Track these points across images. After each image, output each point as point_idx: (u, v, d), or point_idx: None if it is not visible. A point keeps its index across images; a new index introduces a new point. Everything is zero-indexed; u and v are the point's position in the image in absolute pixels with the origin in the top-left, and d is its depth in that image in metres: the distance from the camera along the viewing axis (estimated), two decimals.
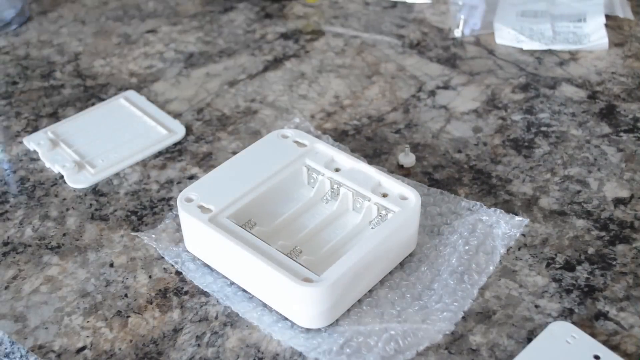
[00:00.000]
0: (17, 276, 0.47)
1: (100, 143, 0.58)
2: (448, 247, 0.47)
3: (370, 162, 0.55)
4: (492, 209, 0.50)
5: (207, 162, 0.56)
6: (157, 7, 0.78)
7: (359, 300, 0.44)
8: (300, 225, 0.47)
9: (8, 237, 0.50)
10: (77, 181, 0.54)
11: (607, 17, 0.71)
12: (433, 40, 0.71)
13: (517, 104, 0.61)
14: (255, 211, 0.47)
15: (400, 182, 0.47)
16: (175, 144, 0.58)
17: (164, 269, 0.47)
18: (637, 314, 0.42)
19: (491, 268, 0.45)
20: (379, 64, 0.68)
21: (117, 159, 0.56)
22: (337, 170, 0.48)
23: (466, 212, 0.49)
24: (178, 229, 0.50)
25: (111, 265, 0.47)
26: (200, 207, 0.45)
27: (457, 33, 0.71)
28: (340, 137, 0.58)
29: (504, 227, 0.48)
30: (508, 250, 0.47)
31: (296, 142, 0.50)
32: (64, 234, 0.50)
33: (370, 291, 0.44)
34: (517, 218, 0.49)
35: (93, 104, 0.63)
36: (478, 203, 0.50)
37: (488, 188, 0.52)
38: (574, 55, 0.67)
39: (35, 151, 0.58)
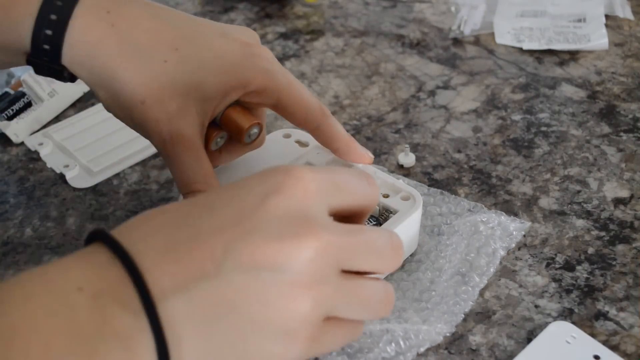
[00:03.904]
0: None
1: (100, 143, 0.58)
2: (449, 247, 0.47)
3: None
4: (493, 210, 0.50)
5: None
6: None
7: None
8: None
9: (8, 237, 0.50)
10: (77, 181, 0.54)
11: (607, 17, 0.71)
12: (433, 40, 0.71)
13: (517, 104, 0.61)
14: None
15: (403, 182, 0.47)
16: None
17: None
18: (637, 314, 0.42)
19: (492, 270, 0.45)
20: (378, 64, 0.68)
21: (117, 159, 0.56)
22: None
23: (466, 212, 0.49)
24: None
25: None
26: None
27: (457, 33, 0.71)
28: None
29: (505, 229, 0.48)
30: (508, 250, 0.47)
31: (298, 141, 0.50)
32: (64, 234, 0.50)
33: None
34: (519, 220, 0.48)
35: (93, 104, 0.63)
36: (479, 204, 0.50)
37: (488, 188, 0.52)
38: (574, 55, 0.67)
39: (35, 151, 0.58)
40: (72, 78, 0.42)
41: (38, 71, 0.42)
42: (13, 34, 0.40)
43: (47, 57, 0.40)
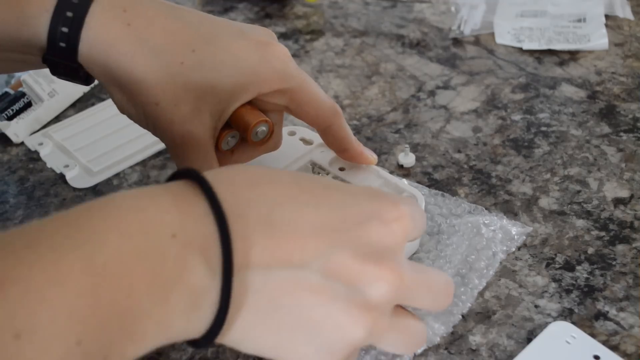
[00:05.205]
0: None
1: (100, 143, 0.58)
2: (449, 247, 0.47)
3: None
4: (494, 212, 0.49)
5: None
6: None
7: None
8: None
9: None
10: (77, 181, 0.54)
11: (607, 17, 0.71)
12: (433, 40, 0.71)
13: (517, 104, 0.61)
14: None
15: (405, 182, 0.47)
16: None
17: None
18: (637, 314, 0.42)
19: (491, 272, 0.45)
20: (378, 64, 0.68)
21: (117, 159, 0.56)
22: (341, 169, 0.48)
23: (467, 214, 0.49)
24: None
25: None
26: None
27: (457, 33, 0.71)
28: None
29: (506, 233, 0.48)
30: (508, 253, 0.47)
31: (302, 139, 0.51)
32: None
33: None
34: (520, 224, 0.48)
35: (93, 104, 0.63)
36: (479, 206, 0.50)
37: (488, 188, 0.52)
38: (573, 55, 0.67)
39: (35, 151, 0.58)
40: (87, 80, 0.42)
41: (54, 71, 0.41)
42: (29, 31, 0.39)
43: (63, 55, 0.40)
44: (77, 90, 0.64)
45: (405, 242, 0.33)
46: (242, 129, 0.42)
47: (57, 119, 0.62)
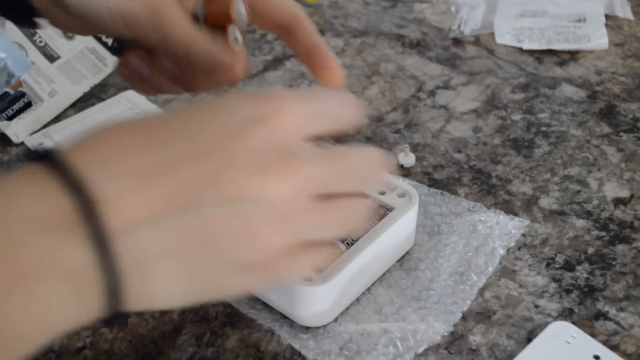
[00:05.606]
0: None
1: None
2: (448, 247, 0.47)
3: None
4: (492, 209, 0.50)
5: None
6: None
7: (358, 299, 0.44)
8: None
9: None
10: None
11: (607, 17, 0.71)
12: (433, 40, 0.71)
13: (517, 104, 0.61)
14: None
15: (398, 179, 0.47)
16: None
17: None
18: (637, 314, 0.42)
19: (490, 269, 0.45)
20: (378, 64, 0.68)
21: None
22: None
23: (466, 212, 0.49)
24: None
25: None
26: None
27: (457, 33, 0.71)
28: (339, 137, 0.58)
29: (503, 228, 0.48)
30: (508, 250, 0.47)
31: None
32: None
33: (368, 289, 0.44)
34: (517, 219, 0.49)
35: (93, 104, 0.63)
36: (478, 204, 0.50)
37: (488, 188, 0.52)
38: (574, 55, 0.67)
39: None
40: (33, 16, 0.39)
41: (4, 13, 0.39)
42: None
43: None
44: (77, 90, 0.64)
45: (301, 134, 0.30)
46: (223, 12, 0.39)
47: (57, 119, 0.62)
